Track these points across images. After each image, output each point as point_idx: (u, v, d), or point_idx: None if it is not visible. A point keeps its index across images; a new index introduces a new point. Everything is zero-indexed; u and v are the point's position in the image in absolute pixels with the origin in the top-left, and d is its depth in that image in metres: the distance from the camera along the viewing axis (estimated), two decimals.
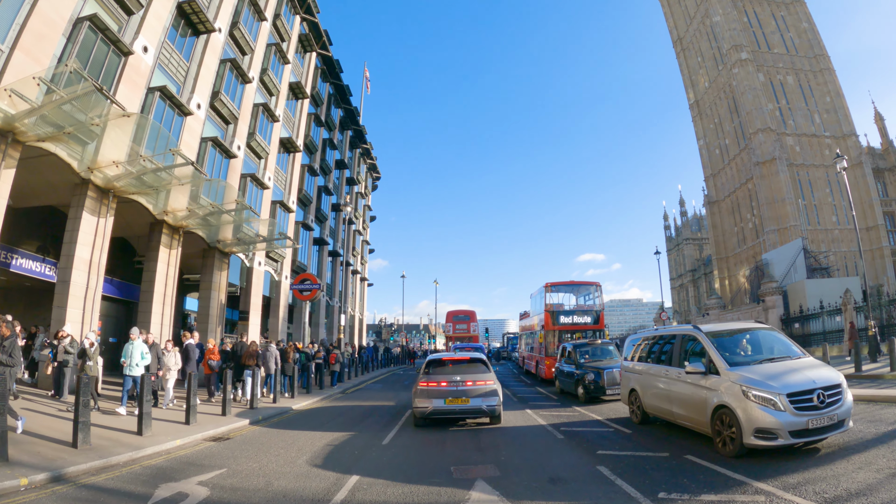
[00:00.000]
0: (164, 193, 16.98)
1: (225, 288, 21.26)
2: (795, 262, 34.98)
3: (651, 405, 9.63)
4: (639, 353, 10.59)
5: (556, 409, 13.09)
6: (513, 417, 11.58)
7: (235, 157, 22.49)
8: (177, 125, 19.22)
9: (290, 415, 12.85)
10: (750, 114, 48.49)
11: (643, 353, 10.33)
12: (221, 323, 20.92)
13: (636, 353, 10.73)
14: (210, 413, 11.86)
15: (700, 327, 8.67)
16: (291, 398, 15.06)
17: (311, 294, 18.51)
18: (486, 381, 10.22)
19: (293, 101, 31.49)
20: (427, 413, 10.11)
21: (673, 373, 8.75)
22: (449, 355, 11.59)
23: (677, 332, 9.23)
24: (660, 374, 9.26)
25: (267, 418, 11.94)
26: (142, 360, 10.59)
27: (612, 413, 11.98)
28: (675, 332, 9.33)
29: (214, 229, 19.72)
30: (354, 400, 16.22)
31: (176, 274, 18.65)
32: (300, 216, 31.29)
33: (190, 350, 12.35)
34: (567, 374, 15.52)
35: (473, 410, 10.05)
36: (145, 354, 10.62)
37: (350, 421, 11.74)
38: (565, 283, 22.00)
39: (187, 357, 12.19)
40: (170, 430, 9.71)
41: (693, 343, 8.63)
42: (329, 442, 9.00)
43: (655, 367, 9.54)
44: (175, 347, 11.93)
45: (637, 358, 10.60)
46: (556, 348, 20.55)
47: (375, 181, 57.25)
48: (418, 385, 10.43)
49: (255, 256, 24.18)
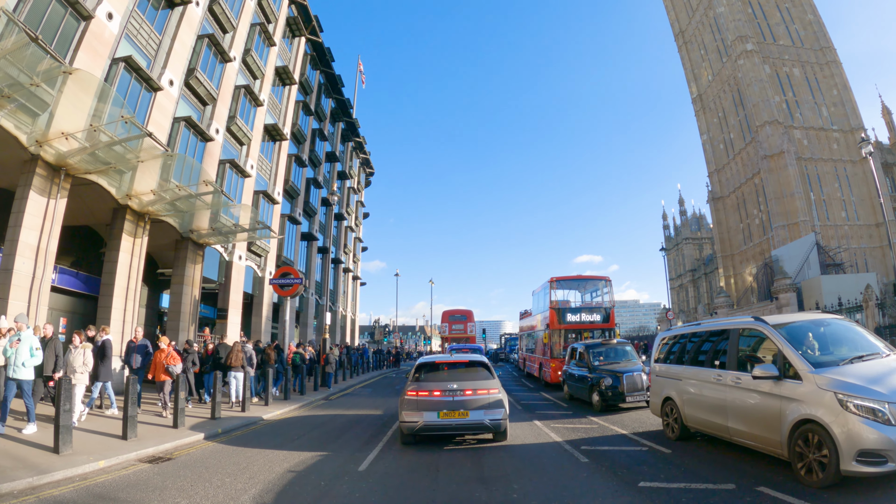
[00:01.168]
0: (129, 175, 15.18)
1: (199, 282, 19.34)
2: (808, 257, 33.34)
3: (694, 418, 7.80)
4: (674, 353, 8.76)
5: (568, 419, 11.23)
6: (520, 431, 9.73)
7: (212, 141, 20.59)
8: (145, 101, 17.37)
9: (257, 426, 10.96)
10: (756, 106, 46.87)
11: (681, 354, 8.50)
12: (195, 321, 19.00)
13: (671, 353, 8.91)
14: (162, 425, 9.99)
15: (764, 319, 6.84)
16: (265, 405, 13.15)
17: (293, 289, 16.64)
18: (488, 388, 8.34)
19: (280, 87, 29.62)
20: (416, 429, 8.21)
21: (728, 377, 6.94)
22: (444, 358, 9.75)
23: (730, 325, 7.39)
24: (707, 380, 7.44)
25: (227, 431, 10.05)
26: (31, 358, 8.15)
27: (637, 425, 10.16)
28: (727, 325, 7.49)
29: (187, 217, 17.85)
30: (337, 408, 14.36)
31: (141, 266, 16.75)
32: (287, 209, 29.37)
33: (107, 347, 10.15)
34: (579, 379, 13.69)
35: (473, 426, 8.17)
36: (35, 351, 8.19)
37: (325, 436, 9.87)
38: (572, 277, 20.11)
39: (103, 355, 9.96)
40: (98, 447, 7.82)
41: (756, 339, 6.82)
42: (292, 466, 7.13)
43: (700, 370, 7.72)
44: (86, 343, 9.64)
45: (672, 359, 8.78)
46: (562, 349, 18.74)
47: (369, 177, 55.37)
48: (406, 394, 8.49)
49: (236, 250, 22.28)
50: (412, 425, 8.18)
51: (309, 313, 32.07)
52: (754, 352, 6.84)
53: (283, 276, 16.82)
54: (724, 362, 7.18)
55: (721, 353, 7.35)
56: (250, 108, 24.66)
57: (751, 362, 6.66)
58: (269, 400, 13.13)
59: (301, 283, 16.61)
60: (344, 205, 42.32)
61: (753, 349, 6.88)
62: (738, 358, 6.95)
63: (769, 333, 6.48)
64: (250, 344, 17.82)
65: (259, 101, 25.12)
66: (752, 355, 6.78)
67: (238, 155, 23.59)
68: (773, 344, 6.37)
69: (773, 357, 6.36)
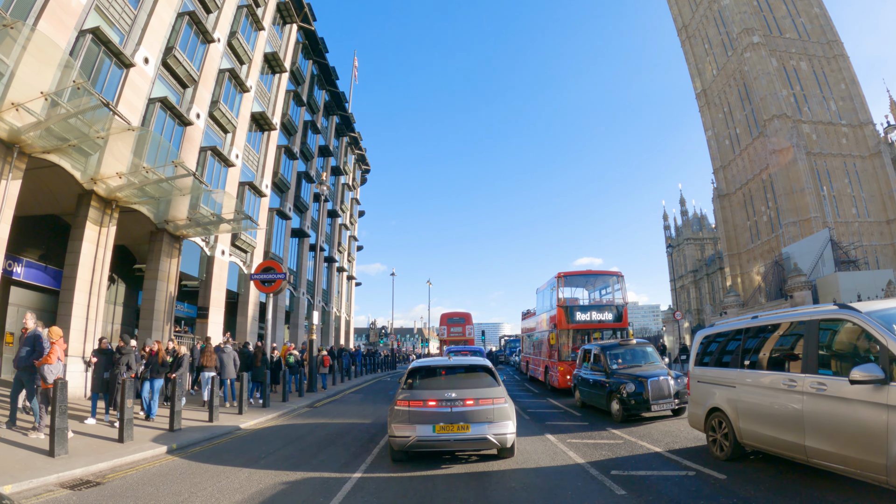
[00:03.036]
0: (95, 158, 13.65)
1: (175, 278, 17.76)
2: (823, 254, 31.89)
3: (753, 434, 6.28)
4: (723, 353, 7.23)
5: (585, 432, 9.64)
6: (531, 449, 8.17)
7: (192, 125, 19.05)
8: (115, 77, 15.86)
9: (222, 441, 9.39)
10: (764, 99, 45.45)
11: (733, 354, 6.97)
12: (170, 320, 17.43)
13: (717, 353, 7.38)
14: (109, 438, 8.42)
15: (852, 306, 5.31)
16: (238, 414, 11.57)
17: (276, 285, 15.08)
18: (493, 398, 7.13)
19: (270, 75, 28.10)
20: (408, 445, 6.98)
21: (804, 383, 5.40)
22: (441, 362, 8.40)
23: (804, 316, 5.84)
24: (774, 386, 5.91)
25: (184, 447, 8.49)
26: None
27: (669, 439, 8.62)
28: (800, 316, 5.94)
29: (162, 205, 16.31)
30: (321, 416, 12.80)
31: (108, 257, 15.17)
32: (276, 203, 27.82)
33: (37, 341, 8.52)
34: (594, 385, 12.13)
35: (475, 441, 6.92)
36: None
37: (303, 452, 8.33)
38: (581, 272, 18.51)
39: None
40: (14, 467, 6.28)
41: (843, 332, 5.30)
42: (253, 494, 5.59)
43: (763, 374, 6.19)
44: None
45: (720, 361, 7.25)
46: (570, 351, 17.21)
47: (365, 174, 53.82)
48: (396, 405, 7.29)
49: (218, 244, 20.72)
50: (403, 441, 6.97)
51: (300, 313, 30.49)
52: (843, 349, 5.32)
53: (266, 270, 15.26)
54: (797, 363, 5.65)
55: (792, 352, 5.83)
56: (235, 93, 23.14)
57: (841, 362, 5.14)
58: (242, 408, 11.54)
59: (285, 278, 15.05)
60: (338, 201, 40.77)
61: (843, 346, 5.35)
62: (818, 357, 5.42)
63: (865, 324, 4.94)
64: (230, 344, 16.31)
65: (245, 87, 23.61)
66: (843, 353, 5.26)
67: (222, 143, 22.05)
68: (873, 337, 4.84)
69: (873, 355, 4.84)
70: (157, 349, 10.95)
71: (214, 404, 10.46)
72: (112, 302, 21.19)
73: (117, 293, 21.41)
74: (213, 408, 10.43)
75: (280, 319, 27.06)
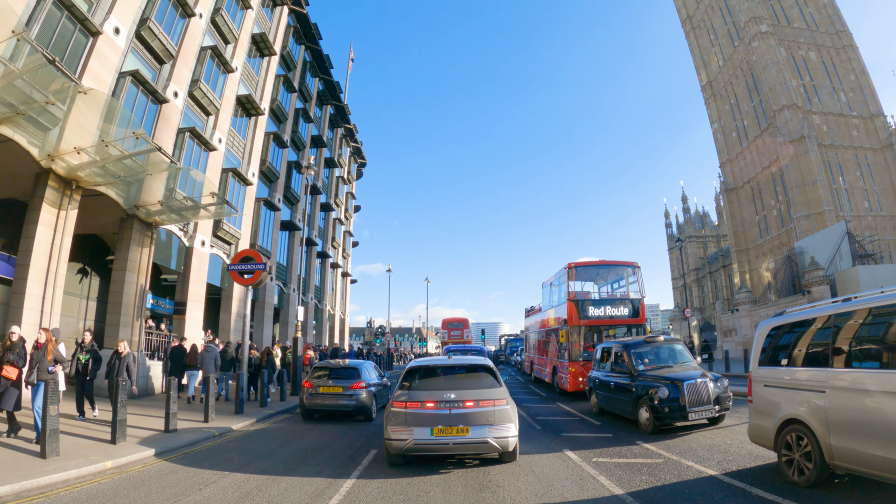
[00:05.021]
0: (56, 133, 12.11)
1: (147, 269, 16.18)
2: (840, 248, 30.40)
3: (852, 453, 4.74)
4: (803, 348, 5.69)
5: (611, 447, 8.02)
6: (550, 471, 6.63)
7: (167, 103, 17.46)
8: (79, 44, 14.31)
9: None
10: (773, 89, 43.92)
11: (819, 349, 5.43)
12: (141, 315, 15.83)
13: (793, 348, 5.83)
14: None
15: None
16: (203, 422, 9.99)
17: (255, 277, 13.49)
18: (494, 399, 6.79)
19: (258, 58, 26.51)
20: (405, 448, 6.64)
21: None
22: (439, 361, 7.94)
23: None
24: (889, 390, 4.38)
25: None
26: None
27: (719, 456, 7.09)
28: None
29: (133, 189, 14.78)
30: (311, 420, 11.23)
31: (67, 244, 13.57)
32: (263, 192, 26.21)
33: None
34: (615, 388, 10.56)
35: (476, 445, 6.60)
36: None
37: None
38: (594, 263, 16.87)
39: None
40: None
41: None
42: None
43: (870, 374, 4.66)
44: None
45: (799, 359, 5.70)
46: (581, 349, 15.66)
47: (361, 168, 52.20)
48: (392, 406, 6.94)
49: (198, 234, 19.10)
50: (399, 444, 6.65)
51: (290, 311, 28.86)
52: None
53: (245, 260, 13.66)
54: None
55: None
56: (219, 73, 21.52)
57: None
58: (207, 416, 9.95)
59: (265, 269, 13.46)
60: (332, 194, 39.16)
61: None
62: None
63: None
64: (214, 343, 15.00)
65: (230, 67, 22.00)
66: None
67: (203, 126, 20.45)
68: None
69: None
70: (46, 341, 8.45)
71: (172, 411, 8.85)
72: (84, 297, 19.61)
73: (90, 287, 19.84)
74: (168, 417, 8.82)
75: (268, 317, 25.48)
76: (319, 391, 11.49)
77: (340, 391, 11.37)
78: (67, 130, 11.97)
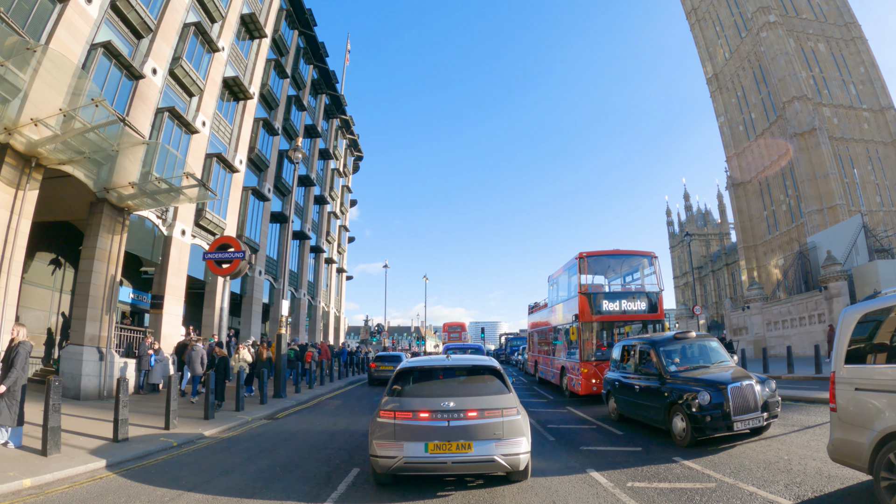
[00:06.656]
0: (15, 105, 10.76)
1: (118, 259, 14.77)
2: (856, 242, 29.10)
3: None
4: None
5: (645, 466, 6.61)
6: (571, 495, 5.38)
7: (144, 79, 16.08)
8: (44, 11, 12.96)
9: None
10: (783, 80, 42.58)
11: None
12: (111, 309, 14.42)
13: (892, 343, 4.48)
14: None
15: None
16: (164, 429, 8.60)
17: (233, 266, 12.18)
18: (502, 409, 5.59)
19: (248, 41, 25.10)
20: (393, 468, 5.46)
21: None
22: (436, 361, 6.62)
23: None
24: None
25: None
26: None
27: (780, 476, 5.75)
28: None
29: (104, 170, 13.39)
30: (291, 424, 9.84)
31: (23, 227, 12.15)
32: (252, 181, 24.80)
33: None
34: (641, 392, 9.15)
35: (480, 464, 5.40)
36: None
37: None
38: (608, 252, 15.43)
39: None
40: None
41: None
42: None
43: None
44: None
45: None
46: (594, 348, 14.30)
47: (357, 161, 50.80)
48: (378, 416, 5.70)
49: (177, 222, 17.67)
50: (387, 462, 5.45)
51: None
52: None
53: (222, 248, 12.32)
54: None
55: None
56: (203, 52, 20.12)
57: None
58: (169, 422, 8.55)
59: (244, 257, 12.14)
60: (327, 187, 37.75)
61: None
62: None
63: None
64: (201, 342, 13.71)
65: (216, 47, 20.60)
66: None
67: (185, 107, 19.04)
68: None
69: None
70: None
71: (122, 416, 7.45)
72: (57, 289, 18.28)
73: (63, 278, 18.50)
74: (169, 416, 7.42)
75: (257, 313, 24.09)
76: (380, 369, 21.40)
77: (391, 369, 19.94)
78: (28, 103, 10.61)
